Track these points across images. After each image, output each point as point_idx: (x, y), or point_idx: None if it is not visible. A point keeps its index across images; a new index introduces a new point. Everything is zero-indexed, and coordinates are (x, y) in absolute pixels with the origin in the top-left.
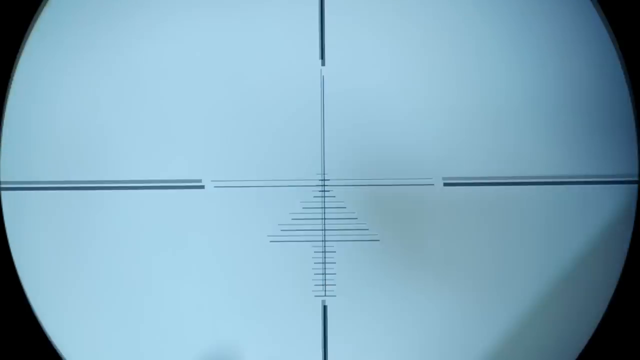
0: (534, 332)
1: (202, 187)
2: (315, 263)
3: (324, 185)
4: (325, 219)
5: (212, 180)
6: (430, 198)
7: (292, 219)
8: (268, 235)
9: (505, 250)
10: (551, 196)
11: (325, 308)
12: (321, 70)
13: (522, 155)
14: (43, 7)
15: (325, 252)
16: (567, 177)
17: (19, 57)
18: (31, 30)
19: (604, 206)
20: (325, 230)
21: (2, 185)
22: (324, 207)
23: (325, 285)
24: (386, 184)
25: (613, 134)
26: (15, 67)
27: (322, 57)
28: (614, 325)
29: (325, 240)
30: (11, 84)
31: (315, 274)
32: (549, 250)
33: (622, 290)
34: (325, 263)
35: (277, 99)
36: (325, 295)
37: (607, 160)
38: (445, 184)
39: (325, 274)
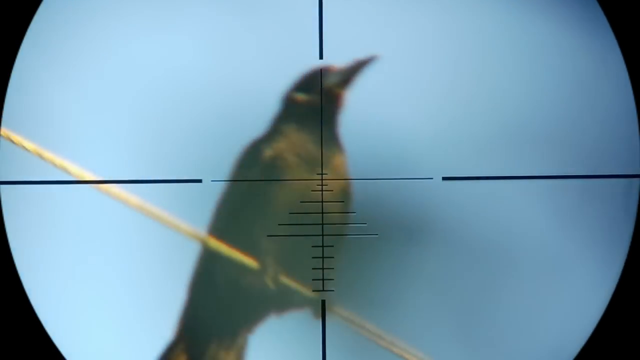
0: (533, 328)
1: (200, 181)
2: (313, 258)
3: (322, 180)
4: (323, 213)
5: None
6: (429, 193)
7: (290, 214)
8: (266, 231)
9: (505, 245)
10: (552, 190)
11: (323, 303)
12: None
13: (523, 151)
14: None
15: (323, 247)
16: (570, 172)
17: (17, 58)
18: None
19: (605, 200)
20: (323, 225)
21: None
22: (322, 202)
23: (323, 280)
24: (385, 178)
25: (615, 129)
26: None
27: (321, 51)
28: (613, 324)
29: (323, 235)
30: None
31: (313, 269)
32: (549, 244)
33: (622, 289)
34: (323, 258)
35: (275, 92)
36: (323, 290)
37: (609, 155)
38: (444, 179)
39: (323, 268)
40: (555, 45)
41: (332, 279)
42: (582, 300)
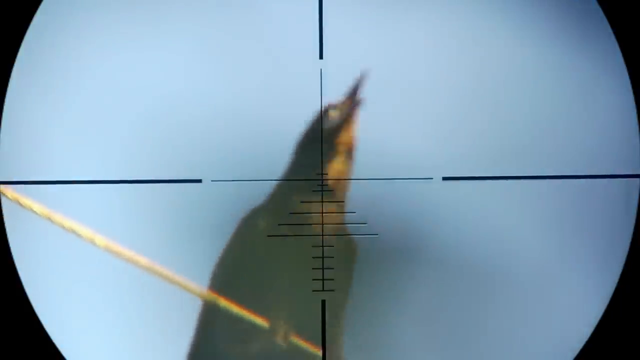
0: (533, 328)
1: (200, 181)
2: (313, 258)
3: (322, 180)
4: (323, 213)
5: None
6: (429, 193)
7: (290, 214)
8: (266, 231)
9: (505, 246)
10: (552, 190)
11: (323, 303)
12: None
13: (523, 151)
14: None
15: (323, 247)
16: (569, 172)
17: (17, 59)
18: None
19: (605, 200)
20: (323, 225)
21: (1, 180)
22: (322, 202)
23: (323, 280)
24: (385, 179)
25: (615, 129)
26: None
27: (321, 50)
28: (613, 324)
29: (323, 235)
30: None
31: (313, 269)
32: (549, 245)
33: (622, 289)
34: (323, 258)
35: (275, 92)
36: (323, 290)
37: (609, 155)
38: (445, 179)
39: (323, 268)
40: (555, 46)
41: (332, 279)
42: (582, 301)
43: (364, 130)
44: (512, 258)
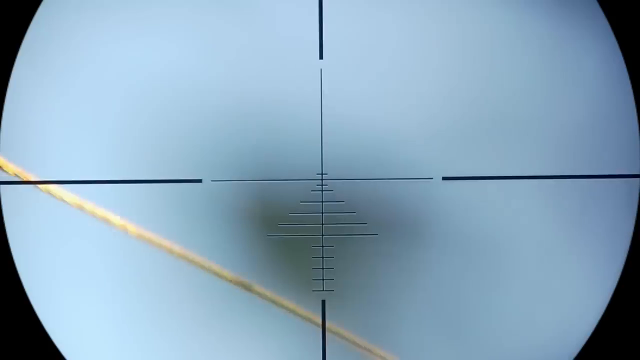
0: (534, 326)
1: (200, 181)
2: (313, 258)
3: (322, 180)
4: (323, 213)
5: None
6: (429, 193)
7: (290, 214)
8: (266, 231)
9: (505, 245)
10: (553, 190)
11: (323, 303)
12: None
13: (523, 151)
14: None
15: (323, 247)
16: (570, 172)
17: (16, 60)
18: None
19: (605, 200)
20: (323, 225)
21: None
22: (322, 202)
23: (323, 280)
24: (385, 179)
25: (615, 129)
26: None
27: (321, 51)
28: (613, 324)
29: (323, 235)
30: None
31: (313, 269)
32: (549, 244)
33: (622, 289)
34: (323, 258)
35: (276, 93)
36: (323, 290)
37: (609, 155)
38: (445, 179)
39: (323, 268)
40: (555, 46)
41: (332, 279)
42: (582, 300)
43: (365, 130)
44: (512, 258)
